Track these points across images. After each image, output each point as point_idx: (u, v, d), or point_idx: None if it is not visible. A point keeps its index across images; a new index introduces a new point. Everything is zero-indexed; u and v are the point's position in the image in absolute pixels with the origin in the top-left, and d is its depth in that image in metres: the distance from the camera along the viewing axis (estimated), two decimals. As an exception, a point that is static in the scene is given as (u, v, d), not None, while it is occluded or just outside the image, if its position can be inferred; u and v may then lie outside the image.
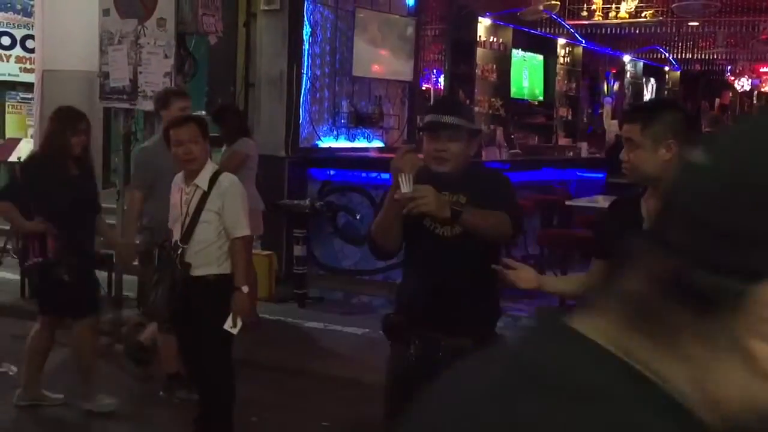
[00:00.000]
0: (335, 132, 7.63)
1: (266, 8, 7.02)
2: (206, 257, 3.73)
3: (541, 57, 12.08)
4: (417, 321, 2.78)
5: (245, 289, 3.70)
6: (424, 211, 2.55)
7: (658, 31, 11.43)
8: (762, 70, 16.31)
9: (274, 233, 6.80)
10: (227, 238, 3.74)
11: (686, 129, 2.45)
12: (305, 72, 7.20)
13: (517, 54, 11.38)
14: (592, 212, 6.27)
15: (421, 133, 2.87)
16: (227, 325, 3.66)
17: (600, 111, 13.47)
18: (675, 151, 2.40)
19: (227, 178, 3.79)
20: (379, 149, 7.86)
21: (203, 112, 6.74)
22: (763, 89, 16.91)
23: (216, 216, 3.73)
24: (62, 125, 4.30)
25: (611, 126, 11.67)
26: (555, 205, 7.48)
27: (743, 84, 16.66)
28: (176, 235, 3.76)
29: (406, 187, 2.51)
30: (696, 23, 11.91)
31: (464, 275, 2.73)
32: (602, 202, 6.21)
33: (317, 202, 6.73)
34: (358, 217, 6.86)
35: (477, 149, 2.97)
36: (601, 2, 10.79)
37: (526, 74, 11.63)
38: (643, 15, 10.74)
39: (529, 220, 7.81)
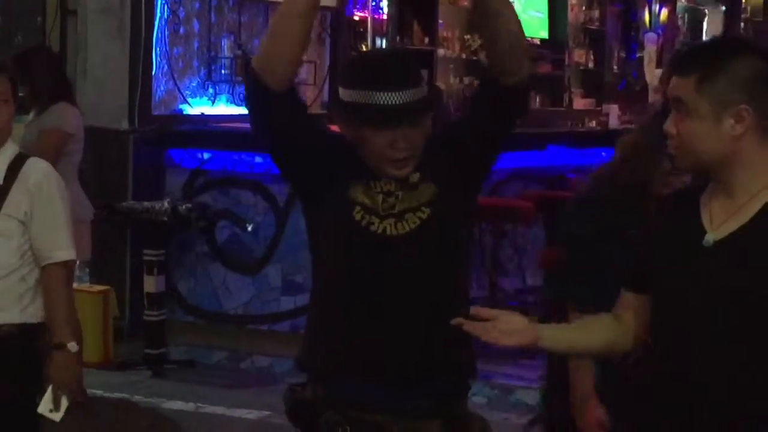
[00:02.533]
0: (211, 90, 7.71)
1: None
2: (3, 294, 3.71)
3: (544, -32, 12.30)
4: (343, 395, 2.81)
5: (73, 346, 3.70)
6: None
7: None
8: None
9: (111, 256, 6.84)
10: (36, 264, 3.75)
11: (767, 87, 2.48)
12: (161, -9, 7.24)
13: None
14: None
15: (348, 118, 2.84)
16: (43, 407, 3.66)
17: (639, 55, 13.74)
18: (749, 122, 2.44)
19: (39, 168, 3.80)
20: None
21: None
22: None
23: (19, 227, 3.72)
24: None
25: (656, 79, 11.91)
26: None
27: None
28: None
29: None
30: None
31: (425, 304, 2.79)
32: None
33: (182, 205, 6.74)
34: (249, 229, 6.93)
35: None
36: None
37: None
38: None
39: (528, 231, 7.98)
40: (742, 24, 15.91)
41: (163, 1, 7.28)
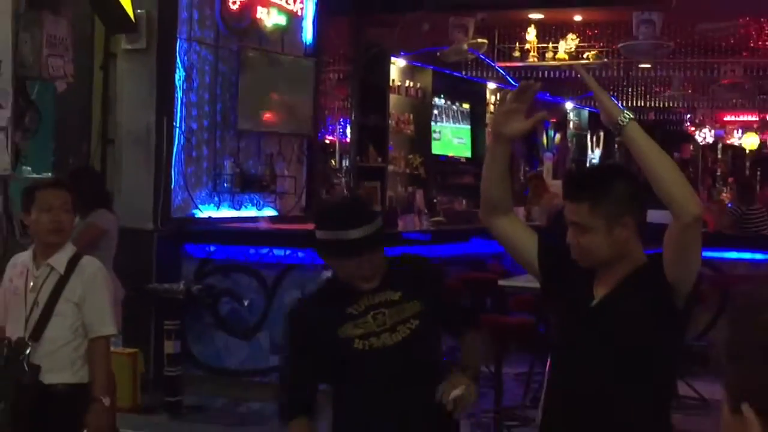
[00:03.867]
0: (216, 198, 7.68)
1: (129, 47, 7.10)
2: (59, 360, 3.70)
3: (467, 105, 12.53)
4: None
5: (107, 401, 3.69)
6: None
7: (604, 74, 12.04)
8: (726, 119, 17.29)
9: (139, 326, 6.75)
10: (85, 336, 3.74)
11: (639, 199, 2.57)
12: (178, 125, 7.27)
13: (438, 102, 11.80)
14: (530, 293, 6.30)
15: (324, 251, 2.90)
16: None
17: (539, 168, 13.95)
18: (632, 227, 2.52)
19: (91, 263, 3.82)
20: (271, 219, 7.95)
21: (49, 175, 6.71)
22: (728, 141, 17.88)
23: (74, 308, 3.72)
24: None
25: (553, 187, 12.09)
26: (487, 285, 7.67)
27: (705, 135, 17.59)
28: (18, 331, 3.71)
29: None
30: (647, 65, 12.61)
31: (421, 391, 2.78)
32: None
33: (194, 286, 6.75)
34: (245, 304, 6.88)
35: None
36: (536, 41, 11.33)
37: (447, 122, 12.00)
38: (585, 56, 11.32)
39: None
40: (616, 145, 16.19)
41: (180, 133, 7.30)
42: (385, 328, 2.83)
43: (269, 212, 8.11)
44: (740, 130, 17.36)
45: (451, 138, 12.19)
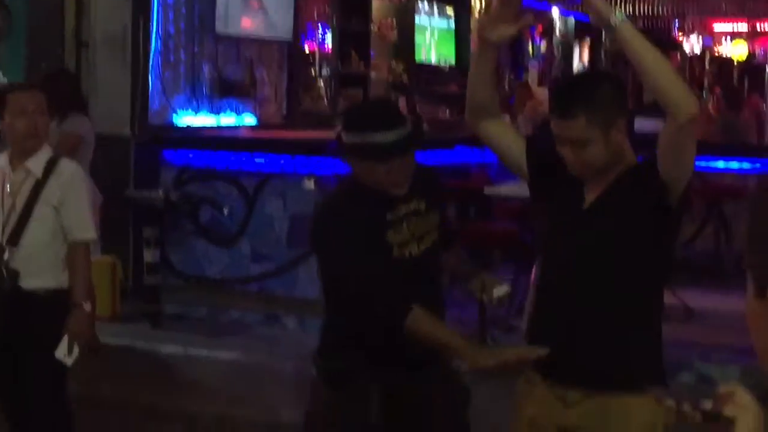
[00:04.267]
0: (195, 104, 7.61)
1: (103, -54, 6.94)
2: (39, 265, 3.71)
3: (451, 10, 12.27)
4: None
5: (87, 306, 3.71)
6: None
7: (592, -21, 11.74)
8: (716, 27, 17.03)
9: (117, 233, 6.70)
10: (63, 240, 3.74)
11: (626, 98, 2.60)
12: (155, 28, 7.14)
13: (422, 7, 11.53)
14: (516, 202, 6.28)
15: (352, 155, 2.83)
16: (59, 352, 3.65)
17: (525, 77, 13.80)
18: (624, 128, 2.52)
19: (69, 166, 3.81)
20: (251, 126, 7.88)
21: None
22: (716, 51, 17.66)
23: (53, 212, 3.72)
24: None
25: (539, 94, 11.95)
26: (472, 194, 7.61)
27: (693, 44, 17.37)
28: None
29: None
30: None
31: (439, 292, 2.93)
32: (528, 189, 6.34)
33: (173, 194, 6.68)
34: (225, 212, 6.78)
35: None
36: (522, -57, 11.02)
37: (432, 33, 11.82)
38: (573, -42, 11.05)
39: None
40: (603, 53, 16.05)
41: (157, 36, 7.19)
42: (415, 237, 2.87)
43: (249, 118, 8.09)
44: (729, 38, 17.17)
45: (436, 44, 11.97)
